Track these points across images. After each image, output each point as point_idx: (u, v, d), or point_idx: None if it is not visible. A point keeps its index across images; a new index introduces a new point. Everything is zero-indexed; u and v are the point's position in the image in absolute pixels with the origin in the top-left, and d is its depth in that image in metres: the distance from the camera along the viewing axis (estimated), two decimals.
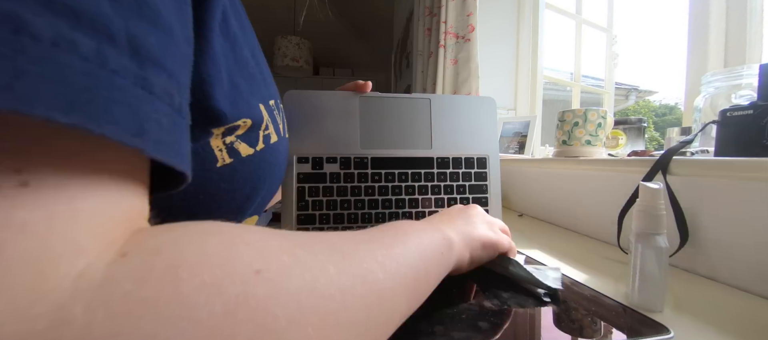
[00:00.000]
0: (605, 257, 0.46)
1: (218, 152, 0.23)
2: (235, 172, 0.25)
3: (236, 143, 0.25)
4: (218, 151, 0.23)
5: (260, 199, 0.31)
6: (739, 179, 0.36)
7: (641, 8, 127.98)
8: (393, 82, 2.79)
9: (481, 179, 0.49)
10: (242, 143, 0.25)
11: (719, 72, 0.56)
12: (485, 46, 1.25)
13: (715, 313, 0.30)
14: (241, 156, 0.25)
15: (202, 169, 0.23)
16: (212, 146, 0.23)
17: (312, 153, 0.46)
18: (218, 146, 0.23)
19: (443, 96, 0.50)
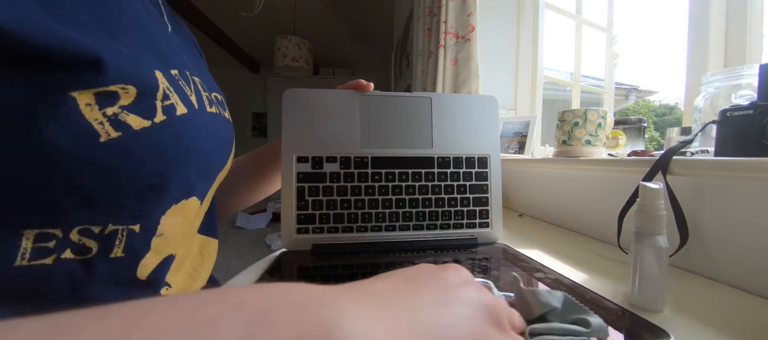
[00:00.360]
0: (605, 257, 0.46)
1: (98, 126, 0.22)
2: (129, 147, 0.23)
3: (122, 115, 0.23)
4: (98, 125, 0.22)
5: (180, 179, 0.28)
6: (739, 179, 0.36)
7: (641, 8, 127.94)
8: (393, 82, 2.79)
9: (482, 178, 0.49)
10: (131, 115, 0.23)
11: (719, 72, 0.56)
12: (485, 46, 1.25)
13: (715, 313, 0.30)
14: (133, 129, 0.23)
15: (80, 144, 0.21)
16: (88, 119, 0.21)
17: (312, 152, 0.46)
18: (97, 119, 0.21)
19: (444, 95, 0.50)
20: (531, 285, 0.34)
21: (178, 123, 0.27)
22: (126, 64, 0.23)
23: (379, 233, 0.45)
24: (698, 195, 0.40)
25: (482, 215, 0.48)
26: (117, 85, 0.22)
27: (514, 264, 0.40)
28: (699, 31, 0.80)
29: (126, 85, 0.23)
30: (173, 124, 0.26)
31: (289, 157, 0.45)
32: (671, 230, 0.41)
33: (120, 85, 0.22)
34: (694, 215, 0.40)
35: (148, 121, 0.24)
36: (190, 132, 0.28)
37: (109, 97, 0.22)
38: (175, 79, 0.28)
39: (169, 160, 0.26)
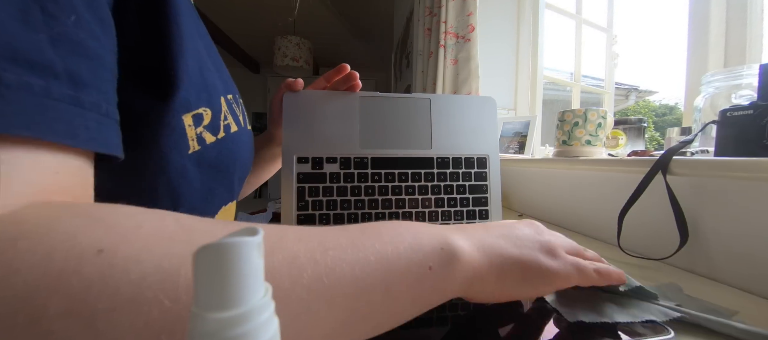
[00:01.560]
0: (605, 257, 0.46)
1: (191, 141, 0.27)
2: (203, 158, 0.28)
3: (204, 133, 0.28)
4: (191, 140, 0.27)
5: (228, 184, 0.33)
6: (739, 179, 0.36)
7: (641, 8, 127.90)
8: (393, 82, 2.79)
9: (482, 178, 0.49)
10: (207, 132, 0.29)
11: (719, 72, 0.56)
12: (485, 46, 1.25)
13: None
14: (207, 143, 0.28)
15: (180, 155, 0.26)
16: (188, 135, 0.26)
17: (312, 153, 0.46)
18: (192, 136, 0.27)
19: (443, 96, 0.50)
20: None
21: (231, 139, 0.32)
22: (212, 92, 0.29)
23: None
24: (698, 195, 0.40)
25: (482, 216, 0.48)
26: (202, 108, 0.28)
27: None
28: (699, 31, 0.80)
29: (207, 108, 0.28)
30: (229, 140, 0.32)
31: (290, 158, 0.45)
32: (671, 230, 0.41)
33: (203, 108, 0.28)
34: (694, 215, 0.40)
35: (215, 137, 0.30)
36: (239, 146, 0.34)
37: (199, 118, 0.27)
38: (230, 103, 0.34)
39: (224, 169, 0.31)
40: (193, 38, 0.29)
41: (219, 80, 0.33)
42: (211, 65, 0.32)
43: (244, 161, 0.36)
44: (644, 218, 0.46)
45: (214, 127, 0.29)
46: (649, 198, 0.44)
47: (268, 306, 0.10)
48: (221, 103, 0.31)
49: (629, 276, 0.29)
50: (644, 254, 0.45)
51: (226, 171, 0.32)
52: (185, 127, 0.26)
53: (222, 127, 0.31)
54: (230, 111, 0.33)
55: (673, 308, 0.26)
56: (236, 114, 0.35)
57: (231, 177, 0.33)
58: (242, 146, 0.35)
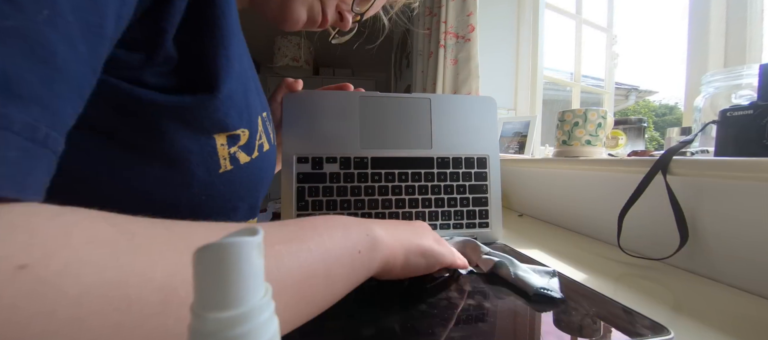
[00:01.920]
0: (605, 257, 0.46)
1: (223, 160, 0.27)
2: (234, 177, 0.28)
3: (238, 153, 0.28)
4: (223, 160, 0.27)
5: (252, 201, 0.33)
6: (739, 179, 0.36)
7: (641, 8, 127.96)
8: (393, 82, 2.79)
9: (482, 178, 0.49)
10: (241, 152, 0.29)
11: (719, 72, 0.56)
12: (485, 46, 1.25)
13: (715, 313, 0.30)
14: (240, 163, 0.28)
15: (207, 173, 0.26)
16: (219, 155, 0.26)
17: (312, 153, 0.46)
18: (224, 156, 0.27)
19: (443, 96, 0.50)
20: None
21: (263, 158, 0.32)
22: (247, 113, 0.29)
23: None
24: (698, 195, 0.40)
25: (482, 215, 0.48)
26: (240, 130, 0.28)
27: None
28: (699, 31, 0.80)
29: (244, 129, 0.28)
30: (261, 159, 0.32)
31: (289, 158, 0.45)
32: (671, 230, 0.41)
33: (241, 130, 0.28)
34: (694, 215, 0.40)
35: (249, 157, 0.30)
36: (268, 164, 0.34)
37: (235, 138, 0.28)
38: (265, 121, 0.34)
39: (252, 188, 0.32)
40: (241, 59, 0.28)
41: (257, 98, 0.33)
42: (253, 84, 0.32)
43: (270, 178, 0.36)
44: (644, 218, 0.46)
45: (249, 148, 0.30)
46: (649, 198, 0.44)
47: (268, 306, 0.10)
48: (258, 123, 0.31)
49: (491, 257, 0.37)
50: (644, 254, 0.45)
51: (254, 189, 0.32)
52: (216, 147, 0.26)
53: (256, 146, 0.31)
54: (264, 130, 0.33)
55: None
56: (269, 131, 0.35)
57: (257, 195, 0.33)
58: (270, 163, 0.35)
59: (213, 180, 0.26)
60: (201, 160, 0.25)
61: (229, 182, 0.28)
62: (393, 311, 0.28)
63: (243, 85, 0.29)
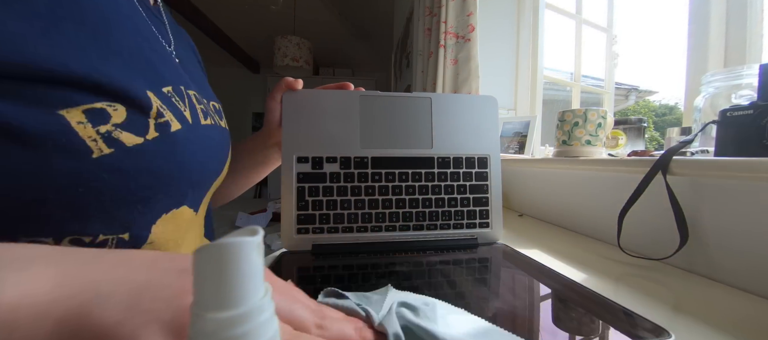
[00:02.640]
0: (605, 257, 0.46)
1: (92, 142, 0.22)
2: (121, 163, 0.24)
3: (116, 132, 0.24)
4: (91, 142, 0.22)
5: (172, 190, 0.29)
6: (739, 179, 0.36)
7: (641, 8, 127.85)
8: (393, 82, 2.79)
9: (482, 178, 0.49)
10: (124, 132, 0.24)
11: (719, 72, 0.56)
12: (485, 46, 1.25)
13: (715, 313, 0.30)
14: (126, 146, 0.24)
15: (73, 159, 0.22)
16: (81, 136, 0.22)
17: (312, 153, 0.46)
18: (90, 136, 0.22)
19: (444, 95, 0.50)
20: (531, 288, 0.34)
21: (171, 139, 0.28)
22: (112, 84, 0.24)
23: (379, 233, 0.45)
24: (698, 195, 0.40)
25: (482, 215, 0.48)
26: (103, 103, 0.23)
27: (515, 264, 0.40)
28: (699, 31, 0.80)
29: (113, 104, 0.24)
30: (167, 141, 0.27)
31: (290, 158, 0.45)
32: (671, 230, 0.41)
33: (107, 103, 0.23)
34: (694, 215, 0.40)
35: (141, 138, 0.25)
36: (183, 147, 0.29)
37: (99, 114, 0.23)
38: (168, 97, 0.29)
39: (162, 175, 0.27)
40: (83, 8, 0.24)
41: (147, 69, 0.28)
42: (140, 50, 0.28)
43: (196, 163, 0.32)
44: (644, 218, 0.46)
45: (136, 126, 0.25)
46: (649, 198, 0.44)
47: (269, 306, 0.10)
48: (148, 97, 0.26)
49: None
50: (644, 254, 0.45)
51: (167, 177, 0.28)
52: (71, 126, 0.22)
53: (152, 125, 0.26)
54: (169, 106, 0.29)
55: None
56: (179, 109, 0.30)
57: (176, 184, 0.29)
58: (190, 146, 0.30)
59: (86, 167, 0.22)
60: (53, 143, 0.21)
61: (115, 170, 0.24)
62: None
63: (98, 47, 0.24)
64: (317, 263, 0.40)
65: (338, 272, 0.38)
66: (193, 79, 0.39)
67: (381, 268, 0.39)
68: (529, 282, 0.35)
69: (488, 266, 0.40)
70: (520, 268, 0.39)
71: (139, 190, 0.26)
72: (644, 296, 0.33)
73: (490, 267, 0.40)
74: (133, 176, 0.25)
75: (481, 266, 0.40)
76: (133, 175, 0.25)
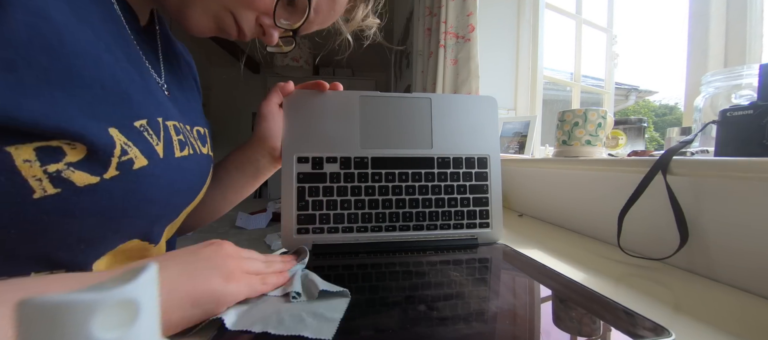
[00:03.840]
0: (605, 257, 0.46)
1: (35, 182, 0.21)
2: (67, 203, 0.22)
3: (67, 172, 0.22)
4: (35, 181, 0.21)
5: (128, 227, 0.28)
6: (739, 179, 0.36)
7: (641, 8, 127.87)
8: (393, 82, 2.79)
9: (482, 178, 0.49)
10: (77, 172, 0.23)
11: (719, 72, 0.56)
12: (485, 46, 1.25)
13: (715, 313, 0.30)
14: (77, 186, 0.23)
15: (8, 200, 0.20)
16: (23, 175, 0.20)
17: (312, 153, 0.46)
18: (35, 175, 0.21)
19: (444, 95, 0.50)
20: (532, 289, 0.34)
21: (132, 177, 0.26)
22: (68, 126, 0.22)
23: (379, 233, 0.45)
24: (698, 195, 0.40)
25: (482, 216, 0.48)
26: (60, 141, 0.22)
27: (515, 265, 0.40)
28: (699, 31, 0.80)
29: (73, 142, 0.22)
30: (126, 179, 0.26)
31: (290, 158, 0.45)
32: (671, 230, 0.41)
33: (65, 141, 0.22)
34: (694, 215, 0.40)
35: (97, 177, 0.24)
36: (146, 184, 0.28)
37: (52, 153, 0.21)
38: (139, 131, 0.28)
39: (113, 215, 0.26)
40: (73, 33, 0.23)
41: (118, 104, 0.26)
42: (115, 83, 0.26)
43: (159, 199, 0.30)
44: (644, 218, 0.46)
45: (93, 165, 0.23)
46: (649, 198, 0.44)
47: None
48: (110, 135, 0.25)
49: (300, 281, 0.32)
50: (644, 254, 0.45)
51: (121, 216, 0.26)
52: (15, 165, 0.20)
53: (114, 164, 0.25)
54: (137, 141, 0.27)
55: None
56: (150, 144, 0.29)
57: (131, 222, 0.28)
58: (154, 181, 0.29)
59: (23, 210, 0.21)
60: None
61: (60, 212, 0.22)
62: (391, 311, 0.28)
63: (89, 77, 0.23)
64: (317, 263, 0.40)
65: (338, 272, 0.38)
66: (179, 107, 0.38)
67: (381, 268, 0.39)
68: (529, 283, 0.35)
69: (488, 266, 0.40)
70: (521, 268, 0.39)
71: (84, 231, 0.24)
72: (644, 296, 0.33)
73: (490, 267, 0.40)
74: (78, 216, 0.23)
75: (481, 266, 0.40)
76: (78, 216, 0.23)
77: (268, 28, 0.38)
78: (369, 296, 0.31)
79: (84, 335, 0.07)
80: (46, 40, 0.21)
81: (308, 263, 0.38)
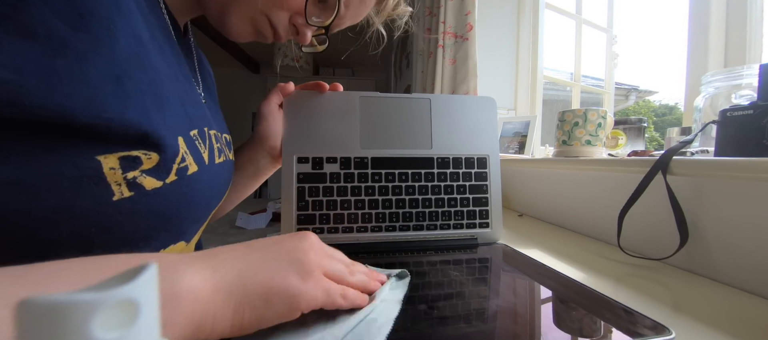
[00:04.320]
0: (605, 257, 0.46)
1: (115, 186, 0.22)
2: (137, 205, 0.24)
3: (140, 178, 0.24)
4: (115, 186, 0.22)
5: (175, 228, 0.29)
6: (739, 179, 0.36)
7: (641, 8, 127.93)
8: (393, 82, 2.79)
9: (482, 178, 0.49)
10: (148, 178, 0.24)
11: (719, 72, 0.56)
12: (486, 46, 1.25)
13: (715, 313, 0.30)
14: (146, 189, 0.24)
15: (95, 202, 0.22)
16: (108, 180, 0.22)
17: (312, 153, 0.46)
18: (116, 181, 0.22)
19: (443, 96, 0.50)
20: (531, 289, 0.34)
21: (186, 182, 0.28)
22: (153, 134, 0.24)
23: (379, 233, 0.45)
24: (698, 195, 0.40)
25: (482, 216, 0.48)
26: (140, 152, 0.23)
27: (515, 265, 0.40)
28: (699, 31, 0.80)
29: (149, 152, 0.24)
30: (182, 184, 0.27)
31: (290, 158, 0.45)
32: (671, 230, 0.41)
33: (143, 152, 0.24)
34: (694, 215, 0.40)
35: (161, 182, 0.25)
36: (195, 188, 0.30)
37: (133, 161, 0.23)
38: (193, 140, 0.30)
39: (170, 216, 0.27)
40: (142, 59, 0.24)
41: (181, 115, 0.29)
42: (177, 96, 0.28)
43: (203, 203, 0.32)
44: (644, 218, 0.46)
45: (160, 171, 0.25)
46: (649, 198, 0.44)
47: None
48: (178, 144, 0.27)
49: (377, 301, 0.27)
50: (644, 254, 0.45)
51: (174, 217, 0.28)
52: (103, 171, 0.22)
53: (174, 170, 0.26)
54: (191, 150, 0.29)
55: None
56: (199, 151, 0.31)
57: (180, 222, 0.29)
58: (201, 186, 0.30)
59: (105, 211, 0.22)
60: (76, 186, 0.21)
61: (130, 212, 0.24)
62: None
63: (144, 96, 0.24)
64: None
65: None
66: (214, 116, 0.40)
67: (381, 268, 0.39)
68: (529, 283, 0.35)
69: (488, 266, 0.40)
70: (521, 268, 0.39)
71: (146, 229, 0.26)
72: (644, 295, 0.33)
73: (490, 267, 0.40)
74: (144, 216, 0.25)
75: (481, 266, 0.40)
76: (144, 216, 0.25)
77: (301, 27, 0.39)
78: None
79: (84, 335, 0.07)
80: (140, 59, 0.24)
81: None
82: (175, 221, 0.28)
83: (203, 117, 0.34)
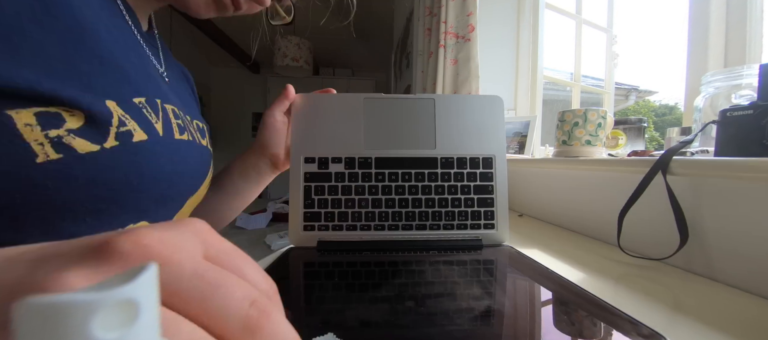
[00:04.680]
0: (605, 257, 0.46)
1: (37, 146, 0.21)
2: (71, 170, 0.23)
3: (68, 138, 0.22)
4: (37, 145, 0.21)
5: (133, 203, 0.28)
6: (739, 179, 0.36)
7: (641, 8, 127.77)
8: (393, 82, 2.79)
9: (487, 179, 0.49)
10: (78, 139, 0.23)
11: (719, 72, 0.56)
12: (485, 46, 1.25)
13: (715, 313, 0.31)
14: (78, 153, 0.23)
15: (12, 163, 0.21)
16: (26, 138, 0.21)
17: (318, 153, 0.47)
18: (36, 139, 0.21)
19: (448, 96, 0.50)
20: (537, 294, 0.34)
21: (132, 149, 0.26)
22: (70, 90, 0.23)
23: (382, 231, 0.46)
24: (698, 195, 0.40)
25: (487, 216, 0.48)
26: (59, 107, 0.22)
27: (519, 268, 0.40)
28: (699, 31, 0.80)
29: (70, 109, 0.23)
30: (126, 151, 0.26)
31: (297, 158, 0.47)
32: (671, 230, 0.41)
33: (63, 108, 0.22)
34: (694, 215, 0.40)
35: (97, 145, 0.24)
36: (148, 158, 0.28)
37: (52, 118, 0.22)
38: (138, 107, 0.28)
39: (118, 186, 0.26)
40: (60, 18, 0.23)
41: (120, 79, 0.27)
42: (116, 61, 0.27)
43: (162, 177, 0.30)
44: (644, 218, 0.47)
45: (93, 134, 0.24)
46: (649, 198, 0.44)
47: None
48: (108, 107, 0.25)
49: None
50: (644, 254, 0.45)
51: (125, 188, 0.26)
52: (18, 128, 0.20)
53: (113, 134, 0.25)
54: (135, 116, 0.28)
55: None
56: (148, 120, 0.29)
57: (135, 197, 0.28)
58: (156, 159, 0.29)
59: (29, 174, 0.21)
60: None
61: (62, 178, 0.22)
62: (391, 311, 0.29)
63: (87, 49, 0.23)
64: (322, 259, 0.41)
65: (342, 268, 0.39)
66: (180, 98, 0.39)
67: (383, 265, 0.39)
68: (534, 287, 0.34)
69: (492, 268, 0.40)
70: (525, 273, 0.38)
71: (89, 201, 0.24)
72: (644, 296, 0.34)
73: (495, 270, 0.39)
74: (83, 184, 0.23)
75: (485, 269, 0.39)
76: (82, 183, 0.23)
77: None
78: (372, 294, 0.32)
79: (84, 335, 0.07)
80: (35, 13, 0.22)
81: None
82: (127, 193, 0.27)
83: (156, 89, 0.33)
